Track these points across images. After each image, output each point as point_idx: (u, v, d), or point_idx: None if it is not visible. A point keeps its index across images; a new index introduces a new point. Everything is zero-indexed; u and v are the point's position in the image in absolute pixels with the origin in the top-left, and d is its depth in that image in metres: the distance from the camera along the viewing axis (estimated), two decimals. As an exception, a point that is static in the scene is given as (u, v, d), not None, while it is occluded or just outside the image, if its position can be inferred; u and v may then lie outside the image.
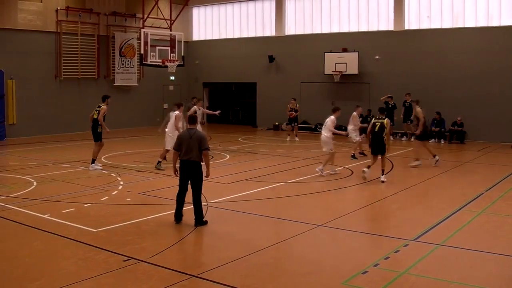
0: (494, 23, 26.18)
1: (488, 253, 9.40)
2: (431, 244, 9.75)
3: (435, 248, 9.56)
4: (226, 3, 35.37)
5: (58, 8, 28.51)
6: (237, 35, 35.01)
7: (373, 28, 29.76)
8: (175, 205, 11.15)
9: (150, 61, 27.53)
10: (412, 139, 26.35)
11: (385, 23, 29.38)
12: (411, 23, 28.60)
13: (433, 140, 26.40)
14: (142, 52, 27.26)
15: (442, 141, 26.25)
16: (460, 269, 8.66)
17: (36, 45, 27.81)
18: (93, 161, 17.68)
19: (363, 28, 30.10)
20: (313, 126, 30.51)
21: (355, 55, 29.32)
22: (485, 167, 17.92)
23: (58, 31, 28.69)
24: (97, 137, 17.69)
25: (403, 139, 27.02)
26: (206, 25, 36.70)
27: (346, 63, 29.39)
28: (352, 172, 17.44)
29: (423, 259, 8.99)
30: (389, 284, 7.89)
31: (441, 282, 8.02)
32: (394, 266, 8.74)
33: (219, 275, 8.18)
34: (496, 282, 8.08)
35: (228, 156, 20.84)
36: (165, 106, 33.77)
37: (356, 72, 29.34)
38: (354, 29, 30.40)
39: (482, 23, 26.50)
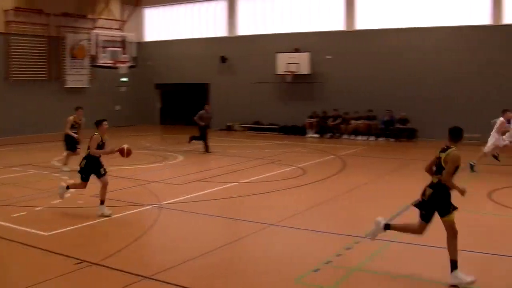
0: (445, 23, 26.71)
1: (438, 247, 9.54)
2: (382, 240, 9.88)
3: (386, 244, 9.70)
4: (178, 3, 35.24)
5: (7, 9, 28.05)
6: (189, 36, 34.88)
7: (325, 28, 29.96)
8: (126, 207, 11.12)
9: (102, 63, 27.37)
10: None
11: (337, 23, 29.64)
12: (363, 23, 28.95)
13: (382, 138, 26.88)
14: (93, 53, 27.06)
15: (391, 139, 26.73)
16: (411, 264, 8.85)
17: (-16, 47, 27.32)
18: None
19: (315, 28, 30.28)
20: (265, 127, 30.75)
21: (307, 55, 29.55)
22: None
23: (7, 32, 28.23)
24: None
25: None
26: (159, 26, 36.45)
27: (298, 63, 29.58)
28: (305, 172, 17.61)
29: (375, 255, 9.17)
30: (341, 280, 8.02)
31: (392, 278, 8.17)
32: (345, 262, 8.87)
33: (172, 276, 8.19)
34: (447, 276, 8.10)
35: (180, 157, 20.84)
36: (117, 107, 33.51)
37: (309, 72, 29.58)
38: (306, 29, 30.56)
39: (434, 23, 27.01)
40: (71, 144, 17.51)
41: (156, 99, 36.60)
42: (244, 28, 32.93)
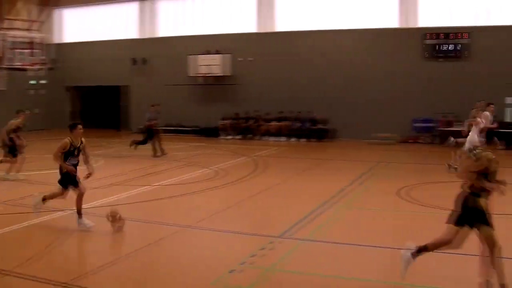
0: (359, 25, 27.63)
1: (351, 245, 9.90)
2: (296, 239, 10.16)
3: (300, 243, 9.99)
4: (94, 5, 34.62)
5: None
6: (104, 38, 34.35)
7: (240, 30, 30.27)
8: (40, 213, 10.97)
9: (11, 65, 26.68)
10: None
11: (252, 25, 30.06)
12: (279, 25, 29.41)
13: (294, 138, 27.42)
14: (2, 55, 26.36)
15: (303, 140, 27.33)
16: (325, 262, 9.07)
17: None
18: None
19: (231, 30, 30.53)
20: (179, 129, 30.88)
21: (221, 57, 29.77)
22: (346, 163, 18.80)
23: None
24: None
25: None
26: (73, 27, 35.73)
27: (212, 65, 29.75)
28: (219, 173, 17.80)
29: (289, 255, 9.38)
30: (256, 281, 8.15)
31: (307, 276, 8.35)
32: (260, 263, 8.99)
33: (87, 281, 8.13)
34: (363, 273, 8.42)
35: (93, 161, 20.58)
36: (36, 111, 32.58)
37: (222, 74, 29.82)
38: (221, 31, 30.77)
39: (348, 25, 27.88)
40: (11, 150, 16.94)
41: (70, 101, 35.91)
42: (160, 30, 32.80)
